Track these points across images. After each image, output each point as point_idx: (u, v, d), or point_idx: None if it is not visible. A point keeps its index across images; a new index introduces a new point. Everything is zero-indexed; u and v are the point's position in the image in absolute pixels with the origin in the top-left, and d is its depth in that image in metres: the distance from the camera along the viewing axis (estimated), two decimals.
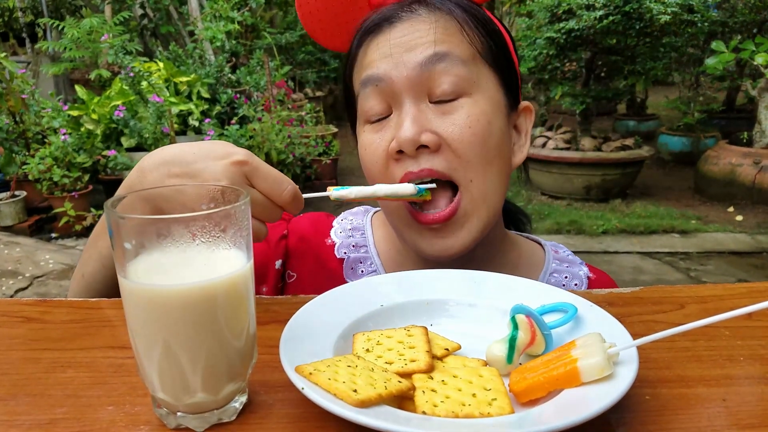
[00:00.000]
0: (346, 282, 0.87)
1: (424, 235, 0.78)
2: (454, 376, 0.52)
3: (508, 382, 0.52)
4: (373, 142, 0.79)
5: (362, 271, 0.90)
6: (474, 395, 0.49)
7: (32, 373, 0.58)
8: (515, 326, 0.56)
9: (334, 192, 0.73)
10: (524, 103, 0.84)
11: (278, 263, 0.90)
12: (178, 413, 0.48)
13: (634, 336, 0.53)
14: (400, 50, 0.75)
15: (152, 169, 0.67)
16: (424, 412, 0.47)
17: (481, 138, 0.74)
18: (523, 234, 0.99)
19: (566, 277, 0.90)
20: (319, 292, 0.65)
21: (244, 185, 0.65)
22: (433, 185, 0.75)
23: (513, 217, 1.03)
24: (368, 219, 0.96)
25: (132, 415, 0.50)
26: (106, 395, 0.53)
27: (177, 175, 0.66)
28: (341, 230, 0.94)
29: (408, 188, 0.73)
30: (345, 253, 0.91)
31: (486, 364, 0.56)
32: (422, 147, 0.74)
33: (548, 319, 0.59)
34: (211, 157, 0.65)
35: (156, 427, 0.49)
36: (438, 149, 0.74)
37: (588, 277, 0.91)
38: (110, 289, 0.77)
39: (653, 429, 0.48)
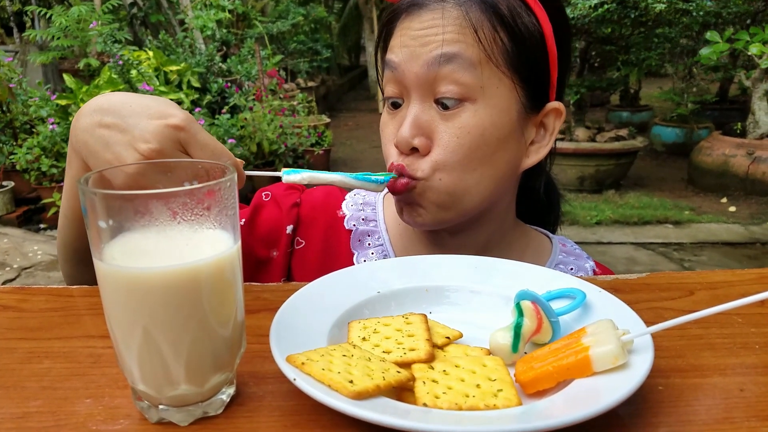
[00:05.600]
0: (353, 252, 0.88)
1: (397, 204, 0.82)
2: (456, 365, 0.48)
3: (513, 372, 0.49)
4: (386, 125, 0.82)
5: (369, 244, 0.90)
6: (478, 386, 0.46)
7: (6, 363, 0.54)
8: (520, 313, 0.53)
9: (285, 175, 0.72)
10: (554, 104, 0.81)
11: (289, 228, 0.90)
12: (161, 406, 0.45)
13: (645, 323, 0.50)
14: (415, 43, 0.75)
15: (87, 113, 0.64)
16: (425, 404, 0.44)
17: (466, 149, 0.75)
18: (533, 226, 0.97)
19: (572, 269, 0.90)
20: (326, 260, 0.62)
21: (176, 152, 0.61)
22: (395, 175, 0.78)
23: (542, 212, 1.00)
24: (380, 195, 0.97)
25: (111, 408, 0.47)
26: (84, 387, 0.50)
27: (107, 125, 0.62)
28: (353, 203, 0.95)
29: (371, 186, 0.76)
30: (354, 225, 0.91)
31: (489, 353, 0.53)
32: (414, 149, 0.76)
33: (555, 305, 0.55)
34: (146, 115, 0.61)
35: (136, 421, 0.45)
36: (427, 153, 0.76)
37: (594, 271, 0.91)
38: (79, 244, 0.77)
39: (668, 421, 0.45)
